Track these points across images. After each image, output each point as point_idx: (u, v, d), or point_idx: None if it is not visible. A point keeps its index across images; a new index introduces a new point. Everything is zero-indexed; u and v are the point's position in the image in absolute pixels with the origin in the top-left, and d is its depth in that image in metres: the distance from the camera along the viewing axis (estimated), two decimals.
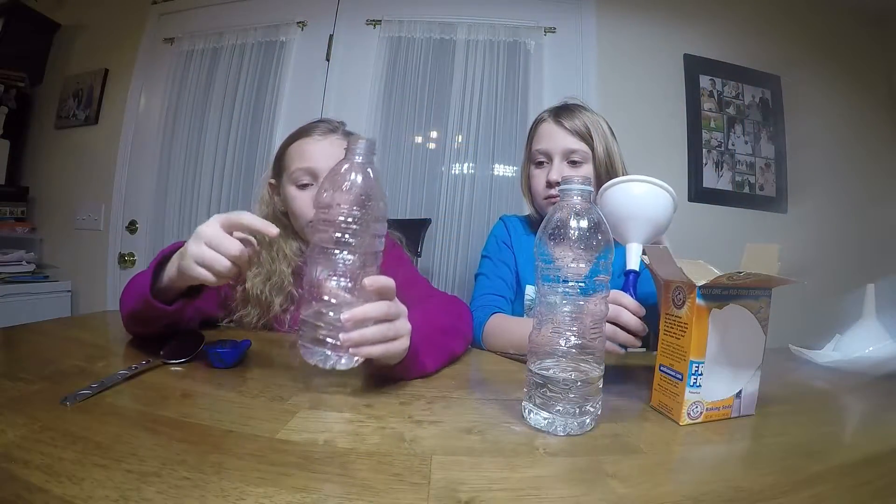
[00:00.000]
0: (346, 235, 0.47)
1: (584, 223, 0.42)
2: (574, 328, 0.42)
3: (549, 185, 0.89)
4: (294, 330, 0.80)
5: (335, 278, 0.48)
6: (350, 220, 0.47)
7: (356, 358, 0.48)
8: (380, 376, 0.53)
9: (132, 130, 1.92)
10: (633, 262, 0.62)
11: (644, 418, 0.47)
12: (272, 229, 0.53)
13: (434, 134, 1.77)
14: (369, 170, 0.49)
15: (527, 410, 0.44)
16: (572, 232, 0.42)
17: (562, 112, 0.92)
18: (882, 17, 1.84)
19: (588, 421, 0.42)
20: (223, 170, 1.81)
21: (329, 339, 0.47)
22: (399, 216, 1.67)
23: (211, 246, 0.51)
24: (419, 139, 1.77)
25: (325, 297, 0.47)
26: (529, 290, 0.91)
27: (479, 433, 0.41)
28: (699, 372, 0.44)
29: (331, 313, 0.47)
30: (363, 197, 0.48)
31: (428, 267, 1.67)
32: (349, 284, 0.48)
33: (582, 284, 0.42)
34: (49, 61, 2.08)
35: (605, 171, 0.88)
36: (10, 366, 0.53)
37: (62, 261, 1.99)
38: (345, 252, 0.47)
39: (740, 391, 0.47)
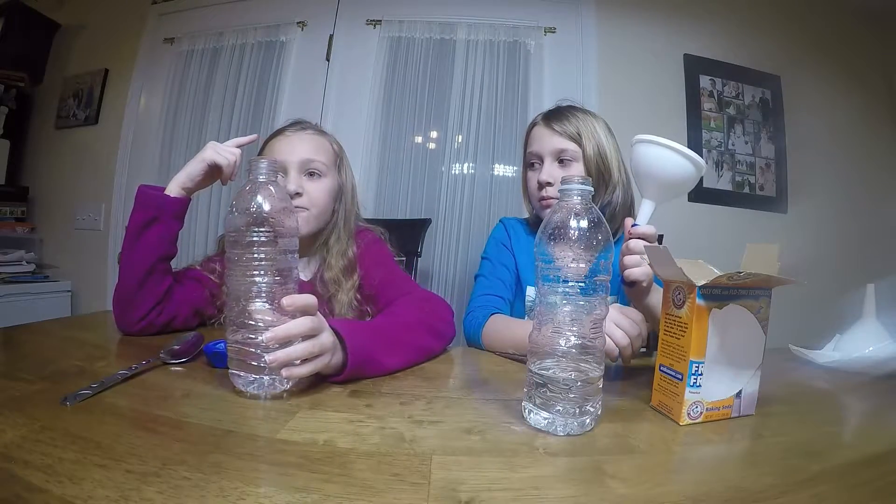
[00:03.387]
0: (259, 254, 0.47)
1: (583, 223, 0.42)
2: (574, 328, 0.42)
3: (540, 185, 0.90)
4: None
5: (257, 301, 0.47)
6: (260, 238, 0.47)
7: (288, 381, 0.47)
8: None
9: (132, 130, 1.92)
10: (641, 217, 0.67)
11: (644, 418, 0.47)
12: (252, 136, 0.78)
13: (434, 134, 1.77)
14: (272, 188, 0.49)
15: (527, 410, 0.44)
16: (572, 232, 0.42)
17: (552, 115, 0.93)
18: (882, 16, 1.84)
19: (588, 421, 0.42)
20: None
21: (259, 363, 0.46)
22: (399, 216, 1.67)
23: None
24: (419, 139, 1.77)
25: (251, 322, 0.46)
26: (530, 292, 0.92)
27: (479, 433, 0.41)
28: (699, 372, 0.44)
29: (259, 338, 0.45)
30: (268, 216, 0.48)
31: (428, 267, 1.67)
32: (269, 305, 0.47)
33: (582, 284, 0.42)
34: (49, 61, 2.07)
35: (597, 169, 0.88)
36: (10, 366, 0.53)
37: (62, 261, 1.99)
38: (260, 272, 0.47)
39: (740, 391, 0.47)
